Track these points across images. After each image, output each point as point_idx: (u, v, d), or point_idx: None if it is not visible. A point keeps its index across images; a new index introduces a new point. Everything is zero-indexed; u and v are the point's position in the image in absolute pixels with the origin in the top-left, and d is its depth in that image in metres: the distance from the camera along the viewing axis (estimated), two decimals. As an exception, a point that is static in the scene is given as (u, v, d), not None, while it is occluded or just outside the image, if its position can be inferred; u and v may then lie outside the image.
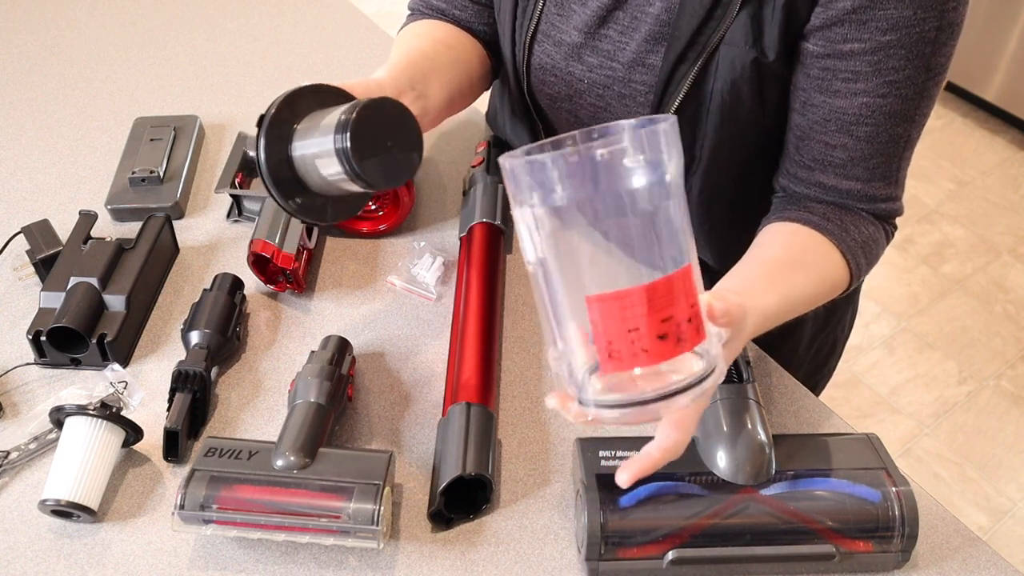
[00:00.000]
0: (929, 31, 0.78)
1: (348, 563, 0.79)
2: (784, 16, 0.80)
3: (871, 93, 0.81)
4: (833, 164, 0.86)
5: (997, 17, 2.71)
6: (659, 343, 0.58)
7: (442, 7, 1.05)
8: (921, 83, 0.81)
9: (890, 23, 0.77)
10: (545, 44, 0.94)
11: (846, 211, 0.88)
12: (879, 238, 0.90)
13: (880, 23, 0.77)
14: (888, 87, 0.80)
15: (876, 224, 0.89)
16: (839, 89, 0.82)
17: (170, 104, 1.31)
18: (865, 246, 0.88)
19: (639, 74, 0.89)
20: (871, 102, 0.81)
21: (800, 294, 0.82)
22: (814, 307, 0.86)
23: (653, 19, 0.86)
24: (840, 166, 0.86)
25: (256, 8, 1.51)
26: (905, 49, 0.78)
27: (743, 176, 0.93)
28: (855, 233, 0.87)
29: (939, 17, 0.77)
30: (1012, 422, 2.16)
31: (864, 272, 0.89)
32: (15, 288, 1.03)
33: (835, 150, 0.85)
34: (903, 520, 0.77)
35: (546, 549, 0.80)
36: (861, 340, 2.33)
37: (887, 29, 0.77)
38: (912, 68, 0.79)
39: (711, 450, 0.79)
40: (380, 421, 0.90)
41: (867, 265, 0.88)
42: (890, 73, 0.80)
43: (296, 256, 0.99)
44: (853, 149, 0.84)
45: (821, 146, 0.86)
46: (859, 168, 0.85)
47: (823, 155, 0.86)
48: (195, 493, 0.77)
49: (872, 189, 0.87)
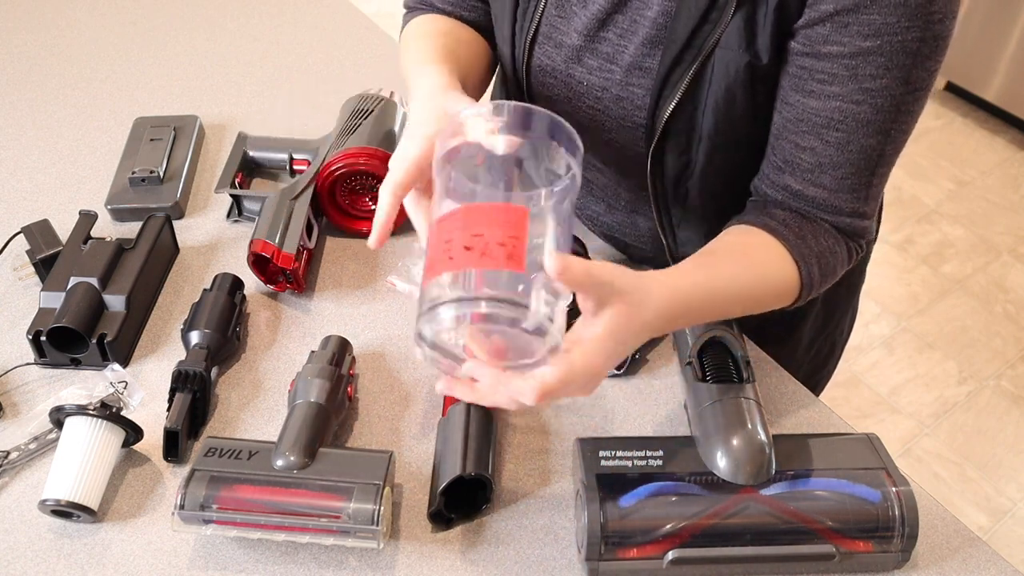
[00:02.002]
0: (911, 42, 0.77)
1: (348, 563, 0.79)
2: (776, 19, 0.79)
3: (845, 98, 0.80)
4: (801, 167, 0.85)
5: (997, 17, 2.71)
6: (464, 252, 0.64)
7: (447, 8, 1.05)
8: (899, 95, 0.80)
9: (872, 29, 0.76)
10: (546, 46, 0.94)
11: (808, 220, 0.87)
12: (838, 252, 0.88)
13: (862, 28, 0.77)
14: (863, 94, 0.80)
15: (838, 238, 0.88)
16: (813, 90, 0.81)
17: (170, 104, 1.31)
18: (821, 257, 0.86)
19: (636, 77, 0.89)
20: (844, 107, 0.81)
21: (728, 285, 0.82)
22: (757, 307, 0.85)
23: (650, 23, 0.86)
24: (808, 170, 0.85)
25: (256, 8, 1.51)
26: (884, 57, 0.78)
27: (738, 180, 0.93)
28: (811, 242, 0.86)
29: (923, 28, 0.76)
30: (1012, 422, 2.16)
31: (817, 284, 0.87)
32: (15, 288, 1.03)
33: (804, 152, 0.84)
34: (903, 520, 0.77)
35: (546, 549, 0.80)
36: (861, 340, 2.33)
37: (868, 35, 0.77)
38: (890, 78, 0.79)
39: (711, 450, 0.79)
40: (380, 421, 0.90)
41: (821, 276, 0.87)
42: (866, 80, 0.79)
43: (296, 256, 0.99)
44: (822, 154, 0.84)
45: (791, 147, 0.85)
46: (826, 176, 0.85)
47: (792, 156, 0.85)
48: (195, 493, 0.77)
49: (838, 200, 0.86)
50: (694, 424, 0.84)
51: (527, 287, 0.64)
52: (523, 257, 0.64)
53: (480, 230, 0.65)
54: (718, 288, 0.81)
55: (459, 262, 0.64)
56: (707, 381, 0.85)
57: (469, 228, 0.65)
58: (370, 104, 1.13)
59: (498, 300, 0.63)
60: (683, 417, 0.91)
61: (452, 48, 0.96)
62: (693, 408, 0.84)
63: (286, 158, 1.15)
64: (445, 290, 0.65)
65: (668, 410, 0.92)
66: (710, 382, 0.84)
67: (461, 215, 0.66)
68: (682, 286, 0.77)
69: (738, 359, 0.86)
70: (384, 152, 1.05)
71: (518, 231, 0.65)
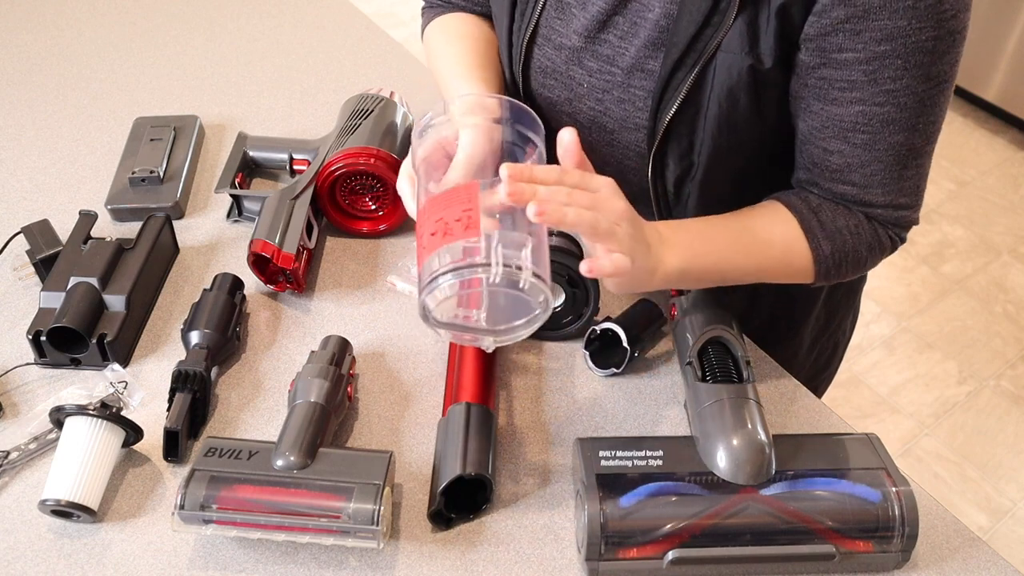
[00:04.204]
0: (927, 41, 0.77)
1: (348, 563, 0.79)
2: (778, 23, 0.79)
3: (867, 102, 0.80)
4: (830, 168, 0.86)
5: (997, 17, 2.71)
6: (432, 238, 0.71)
7: (466, 5, 1.07)
8: (921, 92, 0.80)
9: (884, 33, 0.76)
10: (545, 47, 0.94)
11: (829, 202, 0.88)
12: (862, 233, 0.88)
13: (874, 33, 0.76)
14: (885, 95, 0.80)
15: (863, 221, 0.88)
16: (836, 97, 0.81)
17: (170, 104, 1.31)
18: (837, 233, 0.87)
19: (638, 79, 0.89)
20: (867, 110, 0.81)
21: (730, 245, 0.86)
22: (767, 272, 0.88)
23: (652, 25, 0.86)
24: (837, 171, 0.86)
25: (256, 8, 1.51)
26: (902, 59, 0.77)
27: (740, 184, 0.93)
28: (825, 218, 0.87)
29: (936, 27, 0.76)
30: (1012, 422, 2.16)
31: (829, 258, 0.87)
32: (15, 288, 1.03)
33: (831, 155, 0.85)
34: (903, 520, 0.77)
35: (546, 549, 0.80)
36: (861, 340, 2.33)
37: (881, 39, 0.77)
38: (910, 77, 0.79)
39: (711, 450, 0.79)
40: (380, 421, 0.90)
41: (833, 252, 0.87)
42: (887, 83, 0.79)
43: (296, 256, 0.99)
44: (850, 155, 0.84)
45: (819, 151, 0.86)
46: (855, 174, 0.85)
47: (820, 159, 0.86)
48: (195, 493, 0.77)
49: (868, 195, 0.86)
50: (694, 424, 0.84)
51: (484, 246, 0.70)
52: (478, 222, 0.70)
53: (440, 215, 0.72)
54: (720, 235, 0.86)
55: (429, 248, 0.71)
56: (707, 381, 0.85)
57: (432, 216, 0.72)
58: (370, 104, 1.13)
59: (456, 269, 0.69)
60: (683, 417, 0.91)
61: (483, 51, 1.00)
62: (693, 408, 0.84)
63: (286, 158, 1.15)
64: (419, 280, 0.73)
65: (668, 410, 0.92)
66: (710, 382, 0.84)
67: (426, 208, 0.74)
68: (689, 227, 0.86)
69: (738, 359, 0.86)
70: (384, 152, 1.05)
71: (470, 203, 0.71)
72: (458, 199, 0.72)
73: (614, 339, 0.93)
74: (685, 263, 0.81)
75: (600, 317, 0.96)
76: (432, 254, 0.71)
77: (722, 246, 0.86)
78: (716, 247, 0.85)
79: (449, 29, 1.05)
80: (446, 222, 0.71)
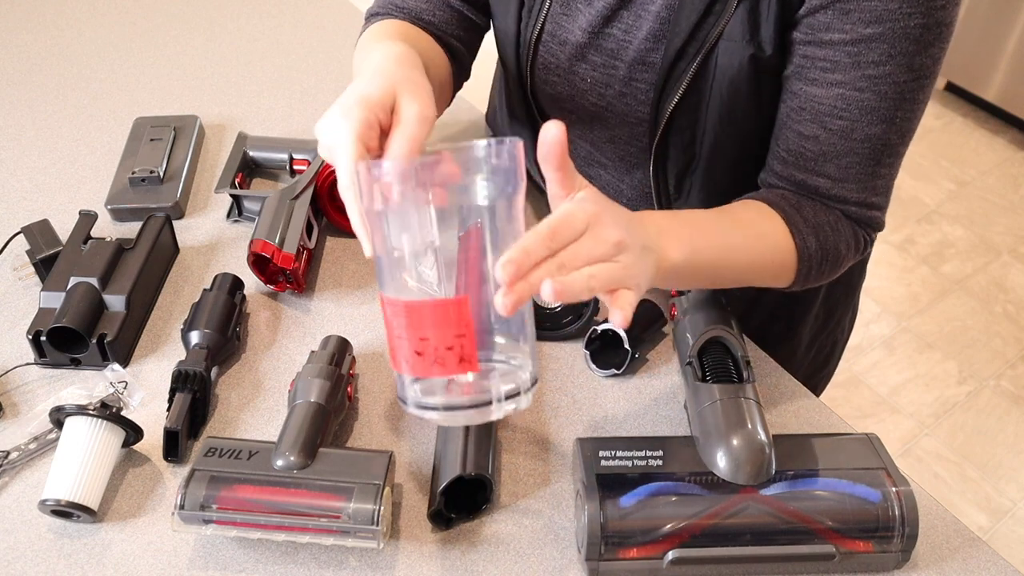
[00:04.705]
0: (914, 28, 0.77)
1: (348, 563, 0.79)
2: (779, 9, 0.79)
3: (848, 85, 0.80)
4: (804, 157, 0.85)
5: (997, 17, 2.71)
6: (417, 358, 0.64)
7: (415, 8, 0.98)
8: (902, 82, 0.79)
9: (874, 15, 0.76)
10: (550, 45, 0.94)
11: (807, 199, 0.87)
12: (842, 230, 0.87)
13: (864, 14, 0.76)
14: (866, 81, 0.79)
15: (841, 218, 0.87)
16: (816, 78, 0.81)
17: (170, 104, 1.31)
18: (820, 229, 0.85)
19: (639, 72, 0.89)
20: (847, 94, 0.80)
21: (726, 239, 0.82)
22: (756, 269, 0.85)
23: (654, 16, 0.86)
24: (811, 159, 0.85)
25: (256, 8, 1.51)
26: (887, 44, 0.77)
27: (742, 175, 0.93)
28: (807, 214, 0.85)
29: (926, 14, 0.76)
30: (1012, 422, 2.16)
31: (814, 254, 0.85)
32: (15, 288, 1.03)
33: (807, 141, 0.84)
34: (903, 520, 0.77)
35: (546, 549, 0.80)
36: (861, 340, 2.33)
37: (870, 21, 0.77)
38: (893, 65, 0.78)
39: (711, 450, 0.79)
40: (380, 421, 0.90)
41: (819, 247, 0.86)
42: (869, 67, 0.79)
43: (296, 256, 0.99)
44: (825, 142, 0.83)
45: (795, 136, 0.85)
46: (830, 165, 0.84)
47: (796, 146, 0.85)
48: (195, 493, 0.77)
49: (843, 190, 0.86)
50: (694, 424, 0.84)
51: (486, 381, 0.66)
52: (474, 355, 0.64)
53: (425, 333, 0.63)
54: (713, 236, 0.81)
55: (416, 368, 0.65)
56: (707, 381, 0.85)
57: (414, 329, 0.64)
58: (370, 104, 1.12)
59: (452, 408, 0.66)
60: (683, 417, 0.91)
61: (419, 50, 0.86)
62: (693, 408, 0.84)
63: (286, 158, 1.15)
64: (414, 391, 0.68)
65: (668, 410, 0.92)
66: (710, 382, 0.84)
67: (403, 312, 0.64)
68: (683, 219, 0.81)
69: (738, 359, 0.86)
70: (384, 152, 1.05)
71: (462, 327, 0.64)
72: (447, 319, 0.63)
73: (615, 339, 0.93)
74: (684, 256, 0.79)
75: (600, 317, 0.96)
76: (421, 376, 0.65)
77: (718, 235, 0.83)
78: (714, 239, 0.82)
79: (389, 29, 0.96)
80: (435, 347, 0.63)
